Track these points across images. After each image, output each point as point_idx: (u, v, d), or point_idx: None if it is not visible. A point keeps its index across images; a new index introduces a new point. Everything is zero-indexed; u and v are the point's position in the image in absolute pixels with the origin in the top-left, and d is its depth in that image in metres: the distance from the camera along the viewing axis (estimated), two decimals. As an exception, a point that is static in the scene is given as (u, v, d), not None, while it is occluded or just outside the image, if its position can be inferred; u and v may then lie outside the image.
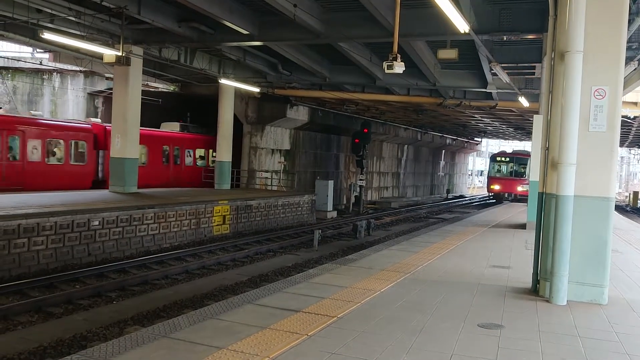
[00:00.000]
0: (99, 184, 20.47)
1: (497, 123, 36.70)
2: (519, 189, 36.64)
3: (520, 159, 38.55)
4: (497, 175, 38.88)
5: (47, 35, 13.28)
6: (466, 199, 48.87)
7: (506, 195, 37.91)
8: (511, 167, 38.65)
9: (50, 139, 18.73)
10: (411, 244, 10.82)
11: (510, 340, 4.98)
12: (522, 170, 37.90)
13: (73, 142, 19.62)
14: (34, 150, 18.17)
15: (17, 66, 25.50)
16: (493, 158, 40.64)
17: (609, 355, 4.76)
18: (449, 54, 13.07)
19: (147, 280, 11.94)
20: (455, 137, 50.75)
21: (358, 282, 7.03)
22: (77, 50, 18.12)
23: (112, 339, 4.71)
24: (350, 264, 8.41)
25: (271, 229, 20.50)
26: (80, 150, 19.92)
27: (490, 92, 21.42)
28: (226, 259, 14.76)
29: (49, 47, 18.48)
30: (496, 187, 38.44)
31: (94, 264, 12.76)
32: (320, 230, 18.11)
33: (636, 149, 56.84)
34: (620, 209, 38.49)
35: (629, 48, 12.55)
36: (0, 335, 8.25)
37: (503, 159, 39.67)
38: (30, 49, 24.27)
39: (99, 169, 20.71)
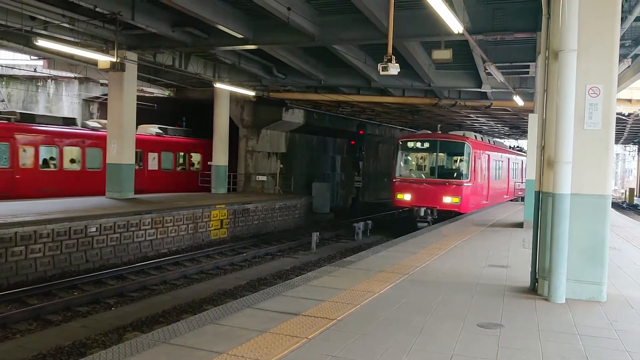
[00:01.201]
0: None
1: (492, 122, 36.69)
2: (447, 200, 19.79)
3: (449, 145, 20.91)
4: (410, 175, 21.38)
5: (41, 42, 13.25)
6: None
7: (422, 211, 19.91)
8: (434, 161, 21.11)
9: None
10: (409, 245, 10.83)
11: (510, 340, 4.99)
12: (455, 167, 20.99)
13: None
14: (198, 162, 26.81)
15: (11, 73, 25.44)
16: (402, 145, 21.62)
17: (608, 352, 4.77)
18: (443, 54, 13.08)
19: (146, 286, 11.92)
20: (451, 138, 50.66)
21: (357, 284, 7.02)
22: (71, 56, 18.11)
23: (111, 346, 4.69)
24: (349, 266, 8.40)
25: (269, 232, 20.48)
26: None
27: (485, 92, 21.48)
28: (224, 263, 14.74)
29: (43, 54, 18.47)
30: (406, 196, 20.49)
31: (91, 270, 12.73)
32: (317, 233, 18.11)
33: (631, 145, 57.06)
34: (616, 205, 38.61)
35: (622, 45, 12.62)
36: (-1, 344, 8.22)
37: (419, 145, 21.63)
38: (26, 56, 24.27)
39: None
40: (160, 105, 26.33)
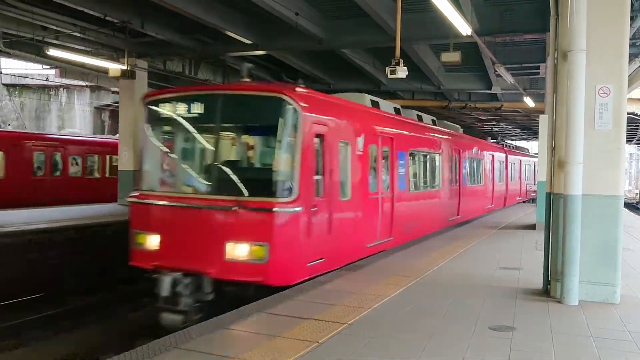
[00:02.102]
0: None
1: (503, 124, 36.50)
2: (236, 251, 6.87)
3: (246, 105, 7.49)
4: (165, 185, 8.14)
5: (53, 52, 13.41)
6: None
7: (167, 286, 7.08)
8: (210, 150, 7.56)
9: None
10: (420, 248, 10.78)
11: (522, 342, 4.95)
12: (260, 162, 8.25)
13: None
14: None
15: (23, 83, 25.76)
16: (151, 111, 7.90)
17: (622, 354, 4.72)
18: (452, 57, 13.04)
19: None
20: (461, 140, 50.36)
21: (367, 288, 7.01)
22: (82, 65, 18.26)
23: (123, 352, 4.73)
24: (359, 270, 8.39)
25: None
26: None
27: (496, 94, 21.40)
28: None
29: (55, 63, 18.67)
30: (151, 240, 7.45)
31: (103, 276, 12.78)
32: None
33: (645, 145, 56.45)
34: (630, 206, 38.16)
35: (632, 45, 12.49)
36: (14, 350, 8.30)
37: (183, 109, 7.54)
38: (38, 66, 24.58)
39: None
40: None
